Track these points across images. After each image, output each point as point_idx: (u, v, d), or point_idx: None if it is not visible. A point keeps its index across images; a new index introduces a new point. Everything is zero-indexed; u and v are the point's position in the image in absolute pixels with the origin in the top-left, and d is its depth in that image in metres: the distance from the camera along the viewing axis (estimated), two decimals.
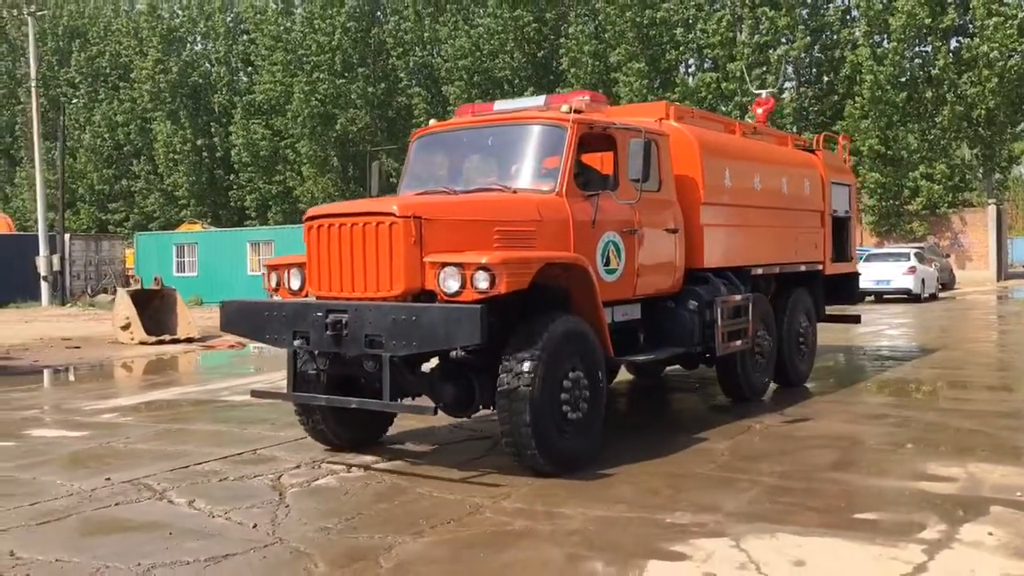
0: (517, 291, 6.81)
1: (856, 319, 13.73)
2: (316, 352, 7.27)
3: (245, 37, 56.99)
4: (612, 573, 5.11)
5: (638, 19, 43.79)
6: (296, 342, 7.15)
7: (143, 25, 57.42)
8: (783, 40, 42.36)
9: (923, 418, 9.39)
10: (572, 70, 45.31)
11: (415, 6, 50.79)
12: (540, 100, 8.77)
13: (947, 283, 34.91)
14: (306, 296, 7.53)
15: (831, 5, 43.90)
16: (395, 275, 6.85)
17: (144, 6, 58.03)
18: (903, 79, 40.76)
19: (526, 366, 6.84)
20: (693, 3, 43.65)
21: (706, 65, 44.70)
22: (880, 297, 28.86)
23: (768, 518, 5.98)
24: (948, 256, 39.01)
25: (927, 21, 39.50)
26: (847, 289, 13.33)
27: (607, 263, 8.07)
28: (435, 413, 6.80)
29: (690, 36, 44.09)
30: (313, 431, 8.07)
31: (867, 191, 41.47)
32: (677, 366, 11.12)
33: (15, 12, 48.96)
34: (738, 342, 9.56)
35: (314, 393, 7.65)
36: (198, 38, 59.31)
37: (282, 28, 53.05)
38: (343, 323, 6.87)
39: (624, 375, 12.11)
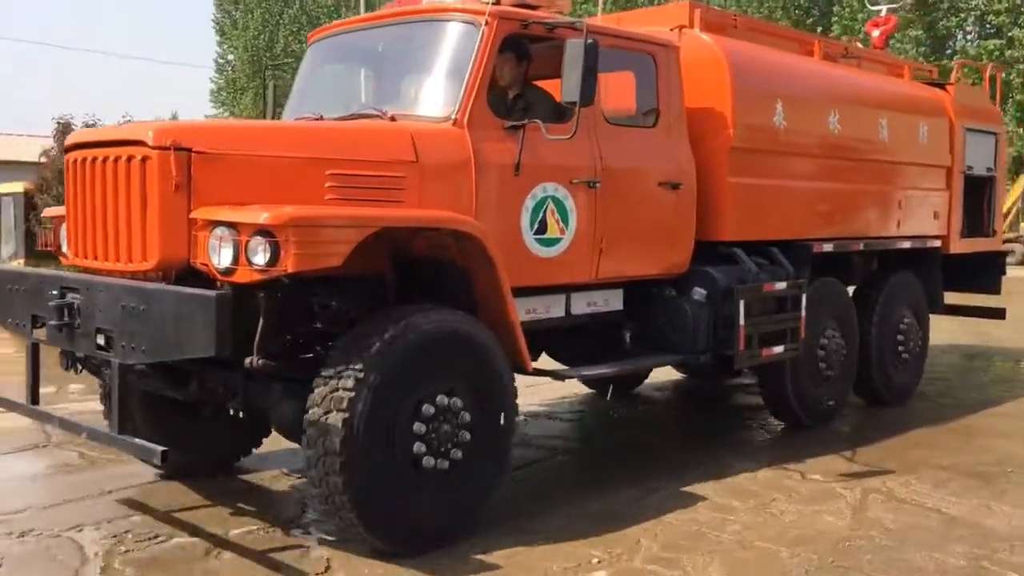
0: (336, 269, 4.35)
1: (999, 313, 10.20)
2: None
3: None
4: None
5: None
6: (37, 331, 4.89)
7: None
8: None
9: None
10: (843, 38, 42.40)
11: None
12: None
13: None
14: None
15: None
16: (148, 238, 4.45)
17: None
18: None
19: (345, 385, 4.35)
20: None
21: (988, 31, 40.38)
22: None
23: None
24: None
25: None
26: (987, 274, 9.95)
27: (541, 229, 5.41)
28: (162, 462, 4.37)
29: (973, 2, 39.95)
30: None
31: None
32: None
33: None
34: (779, 348, 6.67)
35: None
36: None
37: None
38: (75, 308, 4.56)
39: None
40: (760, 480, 6.10)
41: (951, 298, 9.87)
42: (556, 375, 5.69)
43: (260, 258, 4.15)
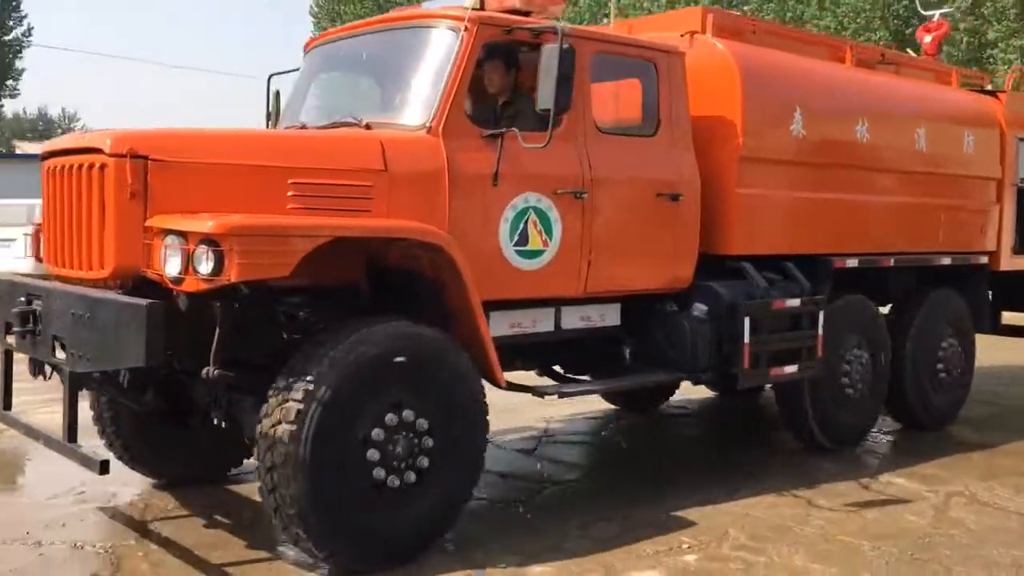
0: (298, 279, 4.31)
1: None
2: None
3: None
4: None
5: None
6: (10, 338, 4.94)
7: None
8: None
9: None
10: (944, 48, 41.03)
11: None
12: None
13: None
14: None
15: None
16: (105, 246, 4.44)
17: None
18: None
19: (295, 397, 4.27)
20: None
21: None
22: None
23: None
24: None
25: None
26: None
27: (523, 240, 5.25)
28: (102, 472, 4.32)
29: None
30: (126, 459, 5.87)
31: None
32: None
33: None
34: (792, 367, 6.36)
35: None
36: None
37: None
38: (37, 315, 4.59)
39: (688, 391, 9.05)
40: (842, 481, 6.26)
41: (1009, 318, 9.40)
42: (535, 391, 5.51)
43: (204, 267, 4.10)
